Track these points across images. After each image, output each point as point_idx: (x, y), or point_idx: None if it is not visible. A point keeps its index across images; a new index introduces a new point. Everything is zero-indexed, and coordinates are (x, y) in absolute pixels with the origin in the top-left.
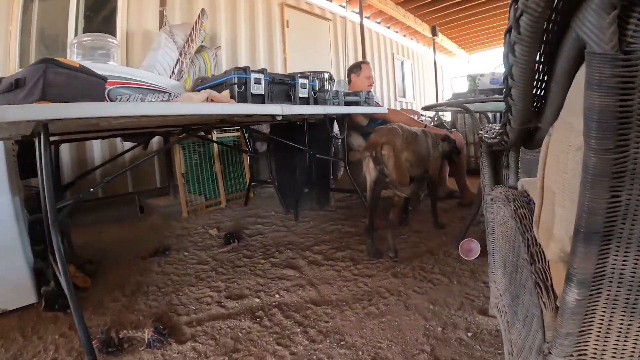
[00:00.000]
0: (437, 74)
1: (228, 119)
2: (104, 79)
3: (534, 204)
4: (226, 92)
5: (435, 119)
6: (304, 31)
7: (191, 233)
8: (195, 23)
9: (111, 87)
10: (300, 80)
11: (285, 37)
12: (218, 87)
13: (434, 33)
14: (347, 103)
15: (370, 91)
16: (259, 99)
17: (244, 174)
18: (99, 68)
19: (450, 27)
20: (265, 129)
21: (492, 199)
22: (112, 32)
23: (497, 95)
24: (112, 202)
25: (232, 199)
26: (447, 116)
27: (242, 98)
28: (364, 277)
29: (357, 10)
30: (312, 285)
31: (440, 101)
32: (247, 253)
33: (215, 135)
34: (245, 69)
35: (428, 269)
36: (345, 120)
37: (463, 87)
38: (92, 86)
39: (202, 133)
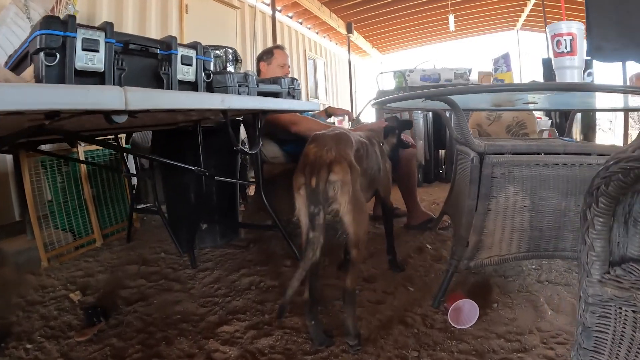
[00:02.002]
0: (351, 74)
1: (48, 125)
2: None
3: None
4: (29, 70)
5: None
6: (207, 19)
7: (47, 298)
8: None
9: None
10: (182, 52)
11: (183, 24)
12: (25, 60)
13: (349, 30)
14: (261, 95)
15: (296, 79)
16: (95, 79)
17: (126, 198)
18: None
19: (366, 25)
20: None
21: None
22: None
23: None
24: None
25: (111, 233)
26: (364, 115)
27: (56, 77)
28: None
29: (268, 0)
30: None
31: (356, 102)
32: (118, 345)
33: (81, 149)
34: (66, 23)
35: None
36: (260, 122)
37: (389, 84)
38: None
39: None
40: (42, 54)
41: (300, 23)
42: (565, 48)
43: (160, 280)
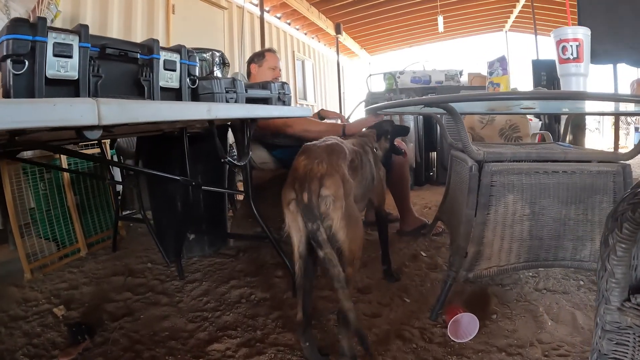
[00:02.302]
0: (340, 76)
1: (19, 139)
2: None
3: None
4: None
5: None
6: (194, 20)
7: (30, 313)
8: None
9: None
10: (165, 56)
11: (170, 25)
12: None
13: (337, 31)
14: (250, 101)
15: (287, 83)
16: (69, 88)
17: (111, 205)
18: None
19: (355, 25)
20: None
21: None
22: None
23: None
24: None
25: (96, 241)
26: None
27: (25, 87)
28: None
29: (257, 1)
30: None
31: (345, 104)
32: None
33: (64, 156)
34: (35, 26)
35: None
36: (249, 129)
37: (379, 86)
38: None
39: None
40: (9, 62)
41: (289, 24)
42: (572, 54)
43: (147, 293)
